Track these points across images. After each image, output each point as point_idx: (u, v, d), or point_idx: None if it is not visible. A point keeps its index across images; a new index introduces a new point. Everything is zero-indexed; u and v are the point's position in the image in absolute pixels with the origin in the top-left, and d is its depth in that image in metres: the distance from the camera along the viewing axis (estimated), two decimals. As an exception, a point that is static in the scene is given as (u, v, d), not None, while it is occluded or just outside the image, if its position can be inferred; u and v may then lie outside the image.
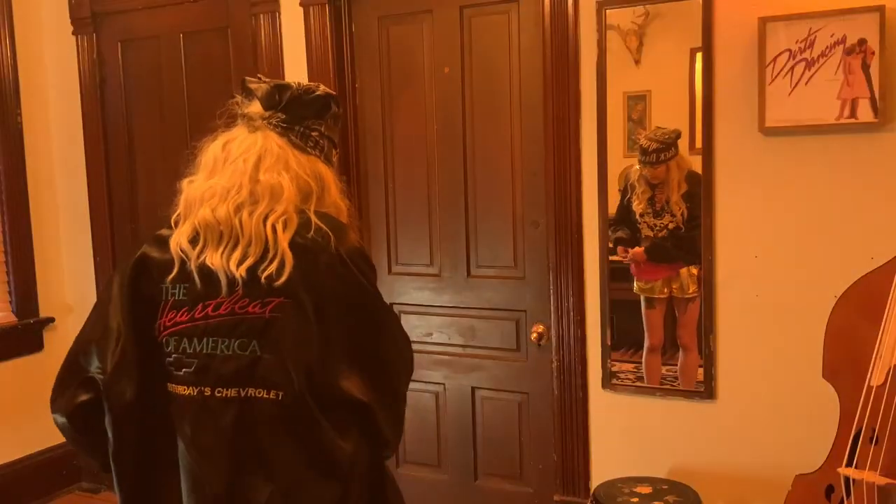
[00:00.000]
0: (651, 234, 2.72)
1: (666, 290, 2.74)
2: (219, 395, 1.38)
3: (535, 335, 2.99)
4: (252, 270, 1.38)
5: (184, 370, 1.41)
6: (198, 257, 1.41)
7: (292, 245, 1.39)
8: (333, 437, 1.37)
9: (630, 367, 2.82)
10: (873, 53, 2.32)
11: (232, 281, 1.38)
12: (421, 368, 3.29)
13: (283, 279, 1.36)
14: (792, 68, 2.43)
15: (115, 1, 3.68)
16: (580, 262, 2.85)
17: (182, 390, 1.41)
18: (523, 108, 2.96)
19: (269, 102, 1.49)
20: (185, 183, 1.50)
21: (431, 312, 3.24)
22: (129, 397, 1.43)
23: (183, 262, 1.42)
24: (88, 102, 3.80)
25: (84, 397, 1.48)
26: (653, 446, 2.80)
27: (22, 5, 3.79)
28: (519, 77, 2.95)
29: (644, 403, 2.80)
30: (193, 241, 1.42)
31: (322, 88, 1.53)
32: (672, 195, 2.67)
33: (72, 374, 1.50)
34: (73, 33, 3.80)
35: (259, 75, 1.57)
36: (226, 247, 1.40)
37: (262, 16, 3.34)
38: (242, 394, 1.37)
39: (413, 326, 3.29)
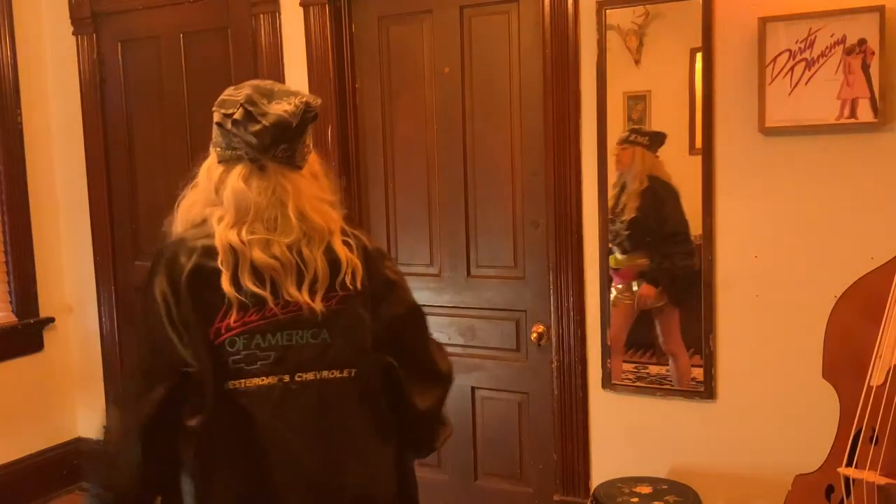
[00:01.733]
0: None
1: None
2: (298, 379, 1.55)
3: (535, 335, 2.99)
4: (326, 294, 1.58)
5: (259, 363, 1.54)
6: (274, 294, 1.55)
7: (356, 253, 1.63)
8: (386, 407, 1.64)
9: (630, 366, 2.82)
10: (873, 53, 2.33)
11: (310, 307, 1.56)
12: (421, 368, 3.29)
13: (358, 285, 1.60)
14: (792, 68, 2.43)
15: (115, 1, 3.68)
16: (580, 262, 2.85)
17: (258, 382, 1.54)
18: (523, 108, 2.96)
19: (276, 141, 1.57)
20: (214, 221, 1.58)
21: (431, 312, 3.21)
22: (211, 393, 1.54)
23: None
24: (88, 102, 3.80)
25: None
26: (653, 446, 2.80)
27: (22, 5, 3.79)
28: (519, 77, 2.95)
29: (644, 403, 2.80)
30: (261, 282, 1.55)
31: (308, 104, 1.61)
32: (633, 185, 2.70)
33: (156, 375, 1.56)
34: (73, 33, 3.80)
35: (245, 100, 1.57)
36: (298, 281, 1.56)
37: (262, 16, 3.34)
38: (318, 376, 1.56)
39: (413, 326, 3.29)
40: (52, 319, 3.93)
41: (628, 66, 2.70)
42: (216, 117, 1.60)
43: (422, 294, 3.23)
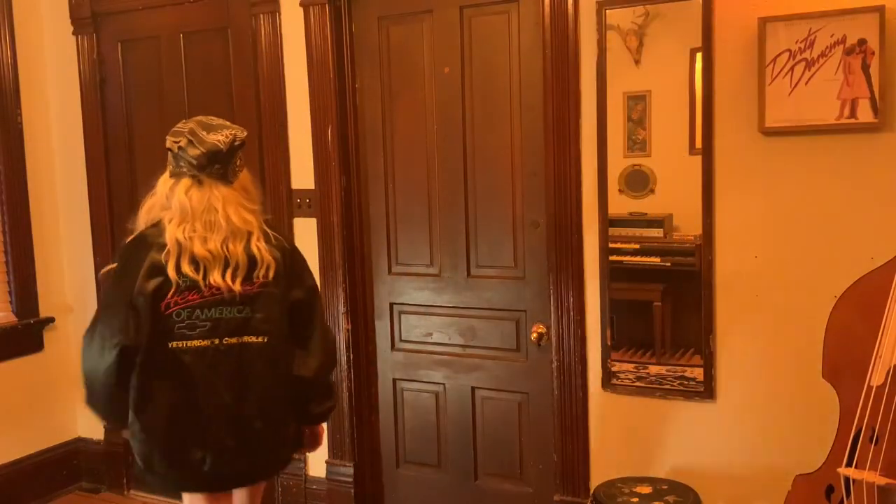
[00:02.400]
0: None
1: None
2: (226, 342, 2.15)
3: (535, 335, 2.99)
4: (245, 280, 2.16)
5: (198, 330, 2.13)
6: (204, 279, 2.13)
7: (270, 252, 2.21)
8: (289, 364, 2.26)
9: (630, 367, 2.82)
10: (873, 53, 2.33)
11: (230, 289, 2.15)
12: (421, 368, 3.29)
13: (270, 277, 2.19)
14: (792, 68, 2.43)
15: (115, 1, 3.68)
16: (580, 262, 2.85)
17: (197, 343, 2.13)
18: (523, 108, 2.96)
19: (211, 162, 2.17)
20: (165, 222, 2.16)
21: (431, 312, 3.24)
22: (143, 348, 2.11)
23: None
24: (88, 102, 3.80)
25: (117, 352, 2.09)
26: (653, 446, 2.80)
27: (22, 5, 3.79)
28: (519, 77, 2.95)
29: (644, 403, 2.80)
30: (196, 268, 2.12)
31: (235, 136, 2.21)
32: None
33: (111, 333, 2.09)
34: (73, 33, 3.80)
35: (188, 132, 2.19)
36: (223, 270, 2.14)
37: (262, 16, 3.34)
38: (240, 341, 2.16)
39: (413, 326, 3.29)
40: (52, 319, 3.93)
41: (628, 66, 2.70)
42: (168, 143, 2.20)
43: (422, 294, 3.24)
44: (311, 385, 2.29)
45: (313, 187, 3.31)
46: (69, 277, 4.01)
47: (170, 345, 2.11)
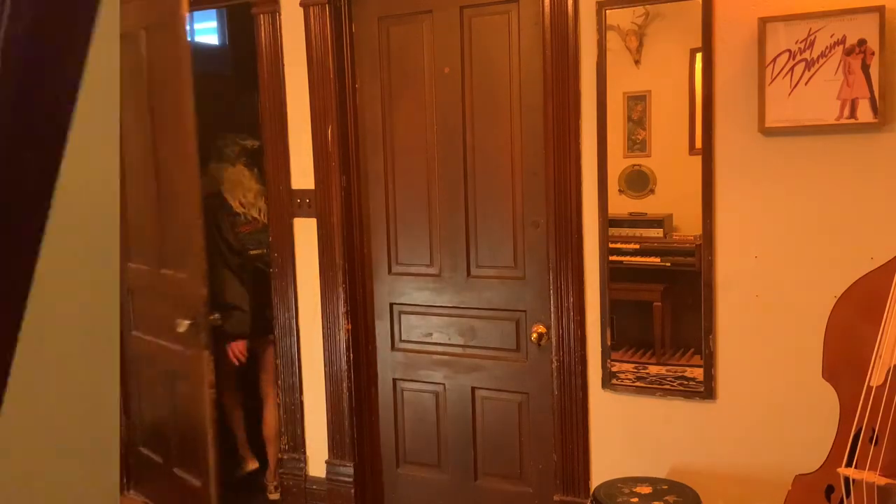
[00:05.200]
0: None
1: None
2: (253, 252, 3.73)
3: (535, 335, 2.99)
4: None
5: (249, 245, 3.72)
6: (248, 215, 3.71)
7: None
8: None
9: (630, 367, 2.82)
10: (873, 54, 2.33)
11: (263, 222, 3.65)
12: (421, 368, 3.29)
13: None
14: (792, 69, 2.43)
15: (115, 1, 3.68)
16: (580, 262, 2.85)
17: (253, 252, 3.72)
18: (523, 108, 2.96)
19: (241, 155, 3.66)
20: (223, 190, 3.67)
21: (431, 312, 3.24)
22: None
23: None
24: (88, 102, 3.80)
25: None
26: (653, 446, 2.80)
27: (22, 5, 3.79)
28: (519, 77, 2.95)
29: (644, 403, 2.80)
30: (245, 208, 3.68)
31: (255, 143, 3.66)
32: None
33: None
34: (73, 33, 3.79)
35: (229, 138, 3.69)
36: (258, 210, 3.72)
37: (262, 16, 3.34)
38: (260, 252, 3.73)
39: (413, 326, 3.29)
40: (52, 319, 3.93)
41: (628, 66, 2.70)
42: (217, 143, 3.66)
43: (422, 294, 3.24)
44: None
45: (313, 187, 3.32)
46: (69, 277, 4.00)
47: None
